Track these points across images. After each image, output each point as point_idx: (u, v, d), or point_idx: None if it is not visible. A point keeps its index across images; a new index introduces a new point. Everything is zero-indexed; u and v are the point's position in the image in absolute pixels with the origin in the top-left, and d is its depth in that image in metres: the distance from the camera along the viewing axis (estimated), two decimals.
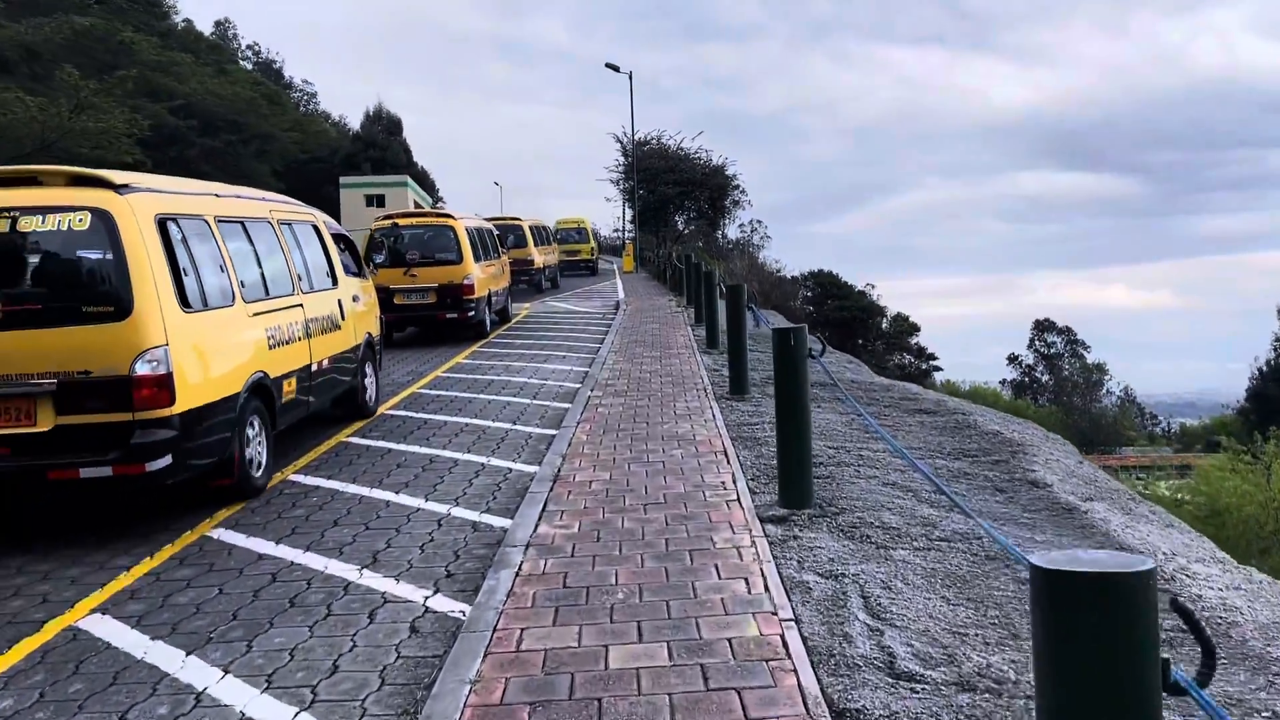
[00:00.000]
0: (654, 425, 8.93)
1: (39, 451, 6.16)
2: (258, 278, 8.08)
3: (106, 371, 6.16)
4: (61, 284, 6.33)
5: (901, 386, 11.84)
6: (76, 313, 6.22)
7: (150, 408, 6.23)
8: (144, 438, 6.22)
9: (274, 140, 40.01)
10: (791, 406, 6.04)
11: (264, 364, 7.71)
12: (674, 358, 13.77)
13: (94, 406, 6.17)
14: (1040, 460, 7.97)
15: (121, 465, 6.18)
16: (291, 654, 4.57)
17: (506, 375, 13.60)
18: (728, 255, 44.96)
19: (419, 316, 17.41)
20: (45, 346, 6.15)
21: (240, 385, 7.23)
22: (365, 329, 10.73)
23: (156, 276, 6.39)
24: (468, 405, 11.33)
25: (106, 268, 6.31)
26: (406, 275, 17.04)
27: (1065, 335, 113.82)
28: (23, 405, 6.16)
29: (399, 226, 17.83)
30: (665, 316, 20.74)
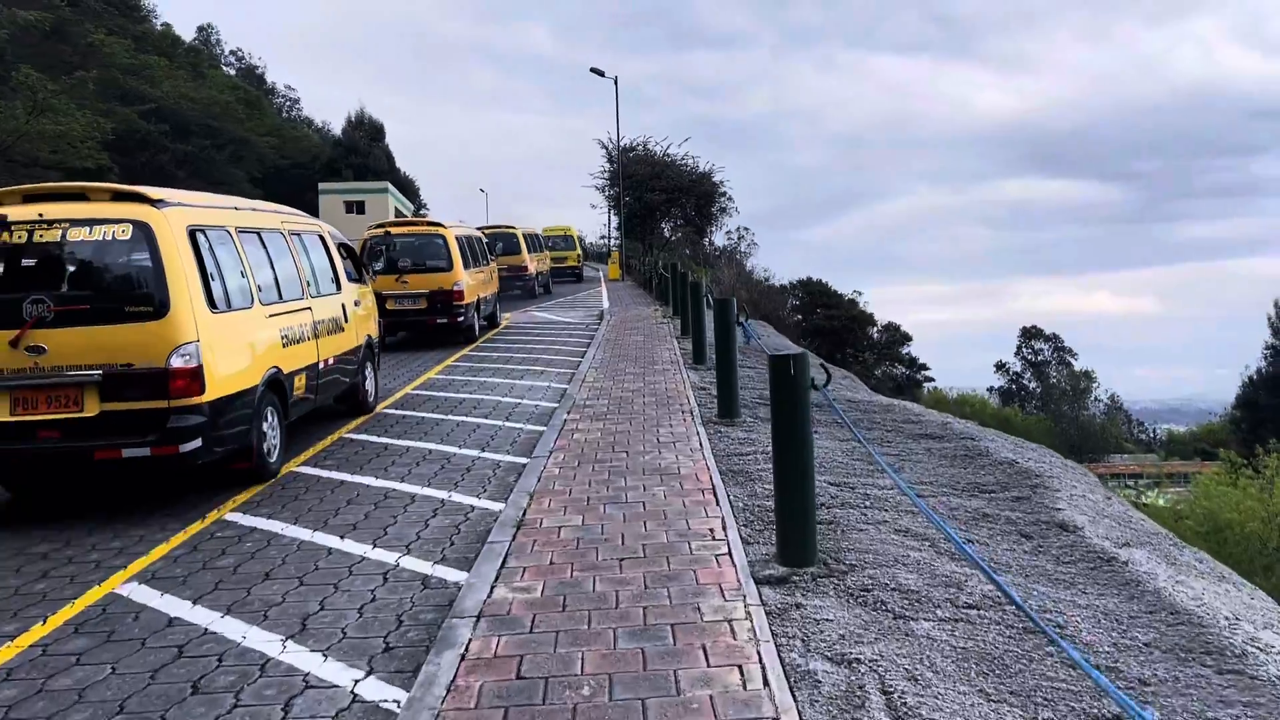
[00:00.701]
0: (634, 455, 8.05)
1: (86, 434, 6.94)
2: (272, 283, 8.83)
3: (146, 364, 6.97)
4: (106, 287, 7.15)
5: (902, 407, 11.01)
6: (119, 312, 7.04)
7: (184, 396, 7.04)
8: (178, 423, 7.02)
9: (250, 146, 38.98)
10: (791, 448, 5.18)
11: (278, 361, 8.51)
12: (658, 374, 12.90)
13: (134, 395, 6.97)
14: (1064, 496, 7.14)
15: (159, 447, 6.98)
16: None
17: (480, 393, 12.71)
18: (715, 263, 44.22)
19: (410, 322, 17.95)
20: (92, 342, 6.94)
21: (258, 379, 8.02)
22: (365, 331, 11.47)
23: (189, 280, 7.23)
24: (435, 428, 10.45)
25: (145, 273, 7.12)
26: (398, 282, 17.57)
27: (1052, 343, 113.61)
28: (72, 393, 6.95)
29: (391, 235, 18.24)
30: (650, 328, 19.88)
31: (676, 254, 42.94)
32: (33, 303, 6.97)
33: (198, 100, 36.92)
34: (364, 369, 11.21)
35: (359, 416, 11.04)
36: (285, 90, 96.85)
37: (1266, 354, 59.77)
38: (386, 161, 61.66)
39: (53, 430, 6.96)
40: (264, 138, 41.70)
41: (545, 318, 24.24)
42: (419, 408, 11.81)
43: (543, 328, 21.52)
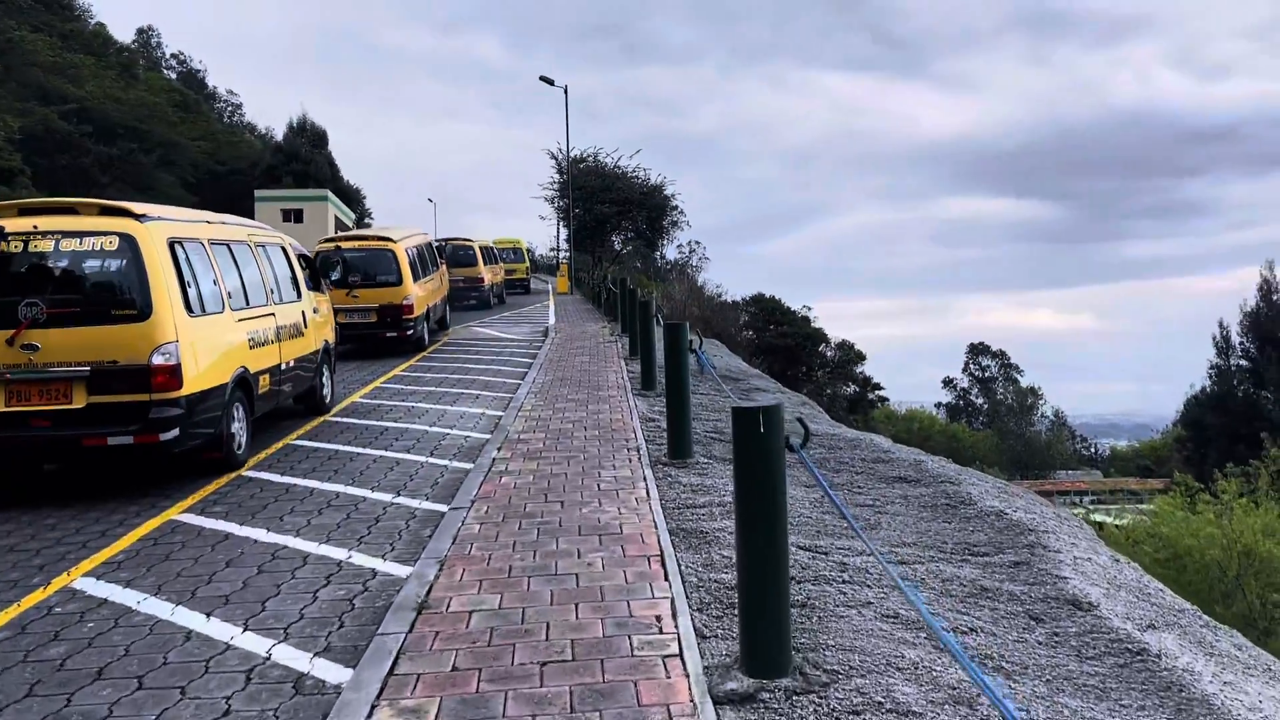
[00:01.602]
0: (570, 507, 6.90)
1: (75, 424, 7.60)
2: (240, 290, 9.54)
3: (130, 361, 7.67)
4: (94, 292, 7.91)
5: (870, 442, 10.01)
6: (106, 314, 7.76)
7: (164, 391, 7.73)
8: (158, 414, 7.72)
9: (181, 150, 37.15)
10: (761, 529, 4.09)
11: (246, 361, 9.24)
12: (603, 402, 11.78)
13: (119, 388, 7.65)
14: (1067, 559, 6.15)
15: (141, 435, 7.64)
16: None
17: (407, 420, 11.49)
18: (666, 277, 43.23)
19: (361, 335, 18.26)
20: (81, 341, 7.64)
21: (228, 377, 8.74)
22: (323, 337, 12.17)
23: (169, 287, 7.94)
24: (349, 464, 9.23)
25: (130, 280, 7.83)
26: (349, 296, 17.72)
27: (999, 359, 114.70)
28: (62, 387, 7.62)
29: (341, 249, 18.44)
30: (597, 347, 18.75)
31: (627, 268, 41.92)
32: (28, 305, 7.67)
33: (125, 101, 35.10)
34: (321, 371, 12.01)
35: (264, 450, 9.80)
36: (227, 95, 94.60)
37: (1211, 374, 60.17)
38: (329, 169, 59.78)
39: (44, 420, 7.65)
40: (195, 141, 39.85)
41: (488, 334, 23.00)
42: (337, 437, 10.57)
43: (484, 345, 20.30)
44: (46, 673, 4.74)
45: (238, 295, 9.46)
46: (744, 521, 4.16)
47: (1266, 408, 55.20)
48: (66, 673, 4.74)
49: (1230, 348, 59.17)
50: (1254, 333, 58.18)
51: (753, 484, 4.08)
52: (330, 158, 62.98)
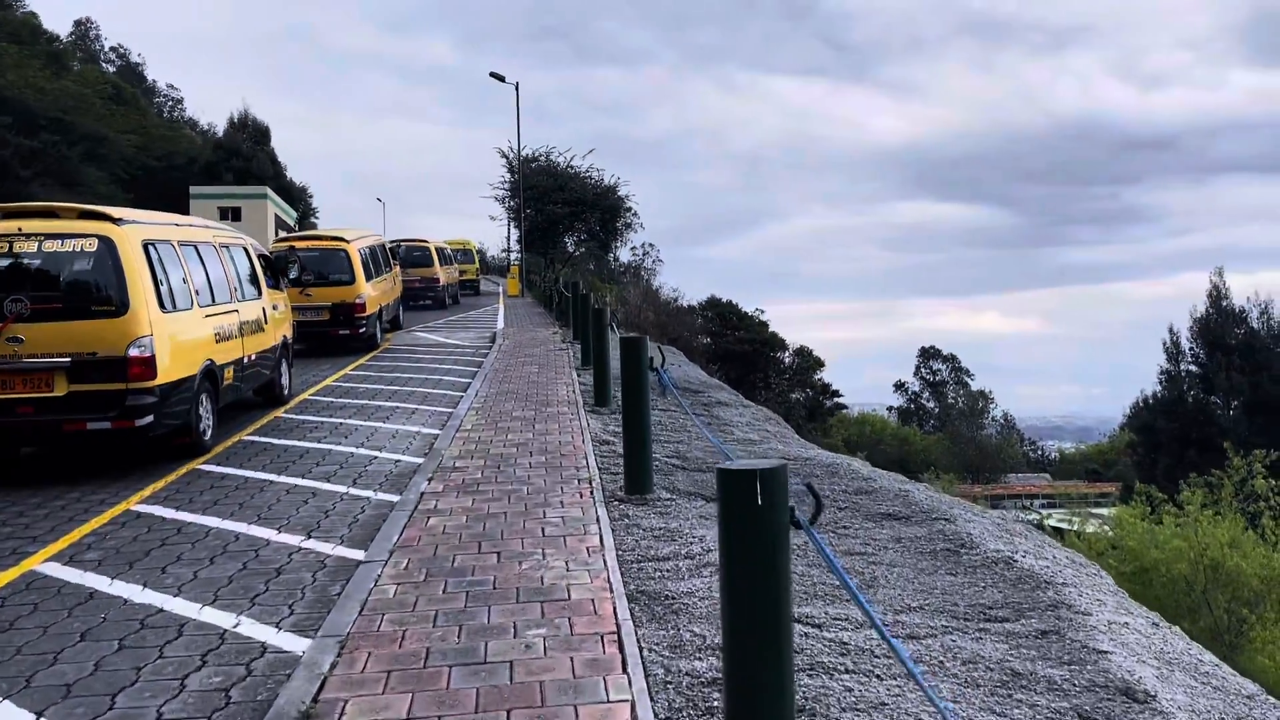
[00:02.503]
0: (507, 561, 5.76)
1: (56, 410, 8.20)
2: (207, 288, 10.05)
3: (108, 353, 8.25)
4: (75, 289, 8.42)
5: (848, 468, 9.00)
6: (86, 310, 8.33)
7: (139, 380, 8.32)
8: (134, 401, 8.30)
9: (108, 143, 35.19)
10: (757, 632, 2.99)
11: (212, 354, 9.74)
12: (552, 420, 10.64)
13: (98, 378, 8.23)
14: (1101, 623, 5.16)
15: (118, 421, 8.25)
16: None
17: (332, 440, 10.28)
18: (620, 280, 42.12)
19: (314, 333, 18.28)
20: (63, 334, 8.21)
21: (197, 369, 9.25)
22: (281, 333, 12.73)
23: (144, 285, 8.52)
24: (258, 495, 8.03)
25: (108, 278, 8.39)
26: (302, 295, 17.51)
27: (950, 363, 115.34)
28: (45, 377, 8.20)
29: (295, 250, 18.53)
30: (547, 356, 17.60)
31: (579, 270, 40.74)
32: (12, 301, 8.20)
33: (48, 92, 33.15)
34: (280, 365, 12.55)
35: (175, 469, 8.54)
36: (167, 89, 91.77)
37: (1161, 379, 60.44)
38: (271, 166, 57.82)
39: (28, 407, 8.17)
40: (125, 135, 37.87)
41: (432, 339, 21.72)
42: (249, 461, 9.33)
43: (427, 351, 19.03)
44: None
45: (204, 293, 10.03)
46: (734, 617, 3.06)
47: (1216, 413, 55.52)
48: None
49: (1180, 353, 59.44)
50: (1203, 338, 58.52)
51: (746, 571, 2.99)
52: (273, 154, 60.97)
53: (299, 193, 68.28)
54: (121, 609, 5.54)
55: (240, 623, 5.25)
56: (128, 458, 9.38)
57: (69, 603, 5.64)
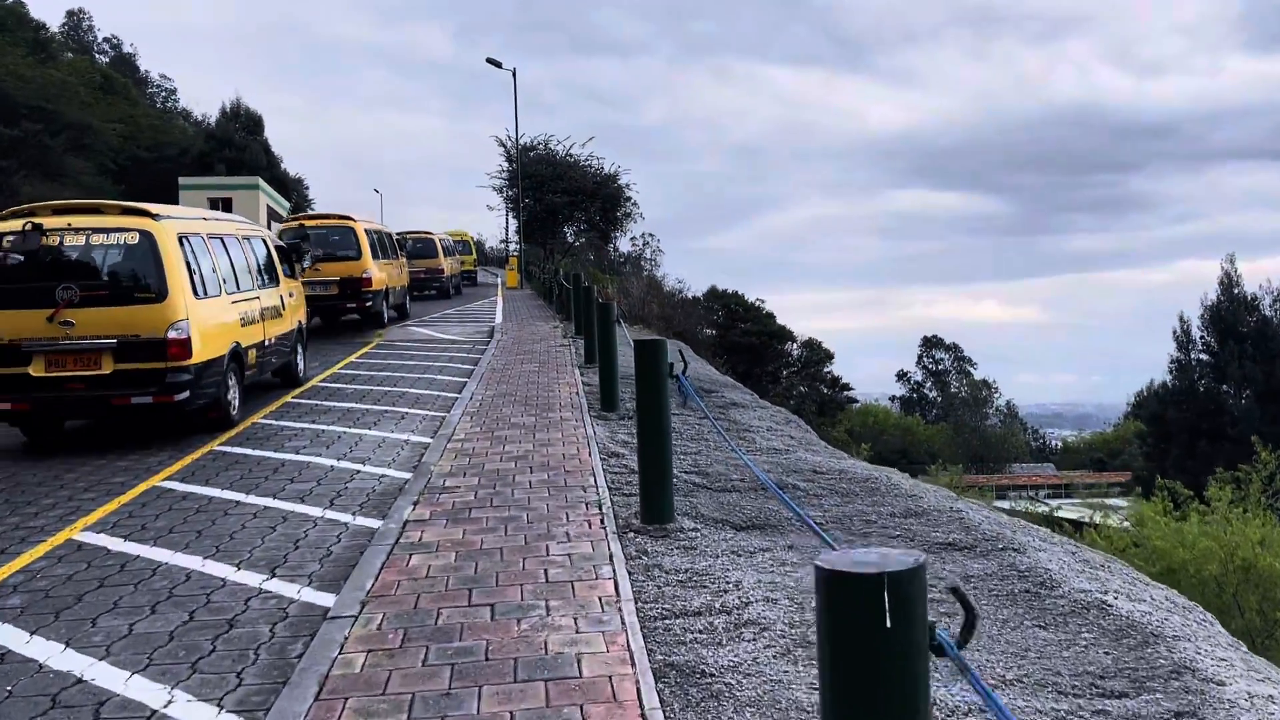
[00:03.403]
0: (503, 618, 4.71)
1: (104, 386, 9.12)
2: (233, 277, 10.85)
3: (149, 335, 9.17)
4: (120, 278, 9.41)
5: (886, 482, 7.97)
6: (130, 297, 9.31)
7: (177, 359, 9.22)
8: (173, 378, 9.20)
9: (94, 132, 34.06)
10: None
11: (238, 337, 10.58)
12: (554, 428, 9.61)
13: (140, 357, 9.14)
14: (1238, 694, 4.15)
15: (158, 396, 9.16)
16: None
17: (311, 450, 9.27)
18: (621, 271, 41.02)
19: (323, 308, 19.09)
20: (109, 318, 9.14)
21: (225, 350, 10.11)
22: (297, 318, 13.44)
23: (180, 274, 9.45)
24: (221, 520, 7.02)
25: (149, 268, 9.33)
26: (311, 269, 17.58)
27: (952, 352, 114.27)
28: (93, 356, 9.12)
29: (305, 227, 19.70)
30: (547, 352, 16.56)
31: (579, 260, 39.65)
32: (64, 289, 8.96)
33: (30, 80, 32.01)
34: (296, 348, 13.30)
35: (120, 497, 7.52)
36: (160, 80, 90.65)
37: (1172, 368, 59.37)
38: (264, 156, 56.62)
39: (79, 383, 8.99)
40: (111, 124, 36.72)
41: (427, 334, 20.67)
42: (218, 476, 8.33)
43: (422, 347, 17.99)
44: None
45: (230, 281, 10.82)
46: None
47: (1228, 402, 54.50)
48: None
49: (1191, 342, 58.34)
50: (1214, 327, 57.40)
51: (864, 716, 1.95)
52: (266, 145, 59.77)
53: (294, 184, 67.13)
54: (35, 680, 4.53)
55: (169, 702, 4.23)
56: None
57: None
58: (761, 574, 5.28)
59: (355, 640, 4.48)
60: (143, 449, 9.51)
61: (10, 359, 9.07)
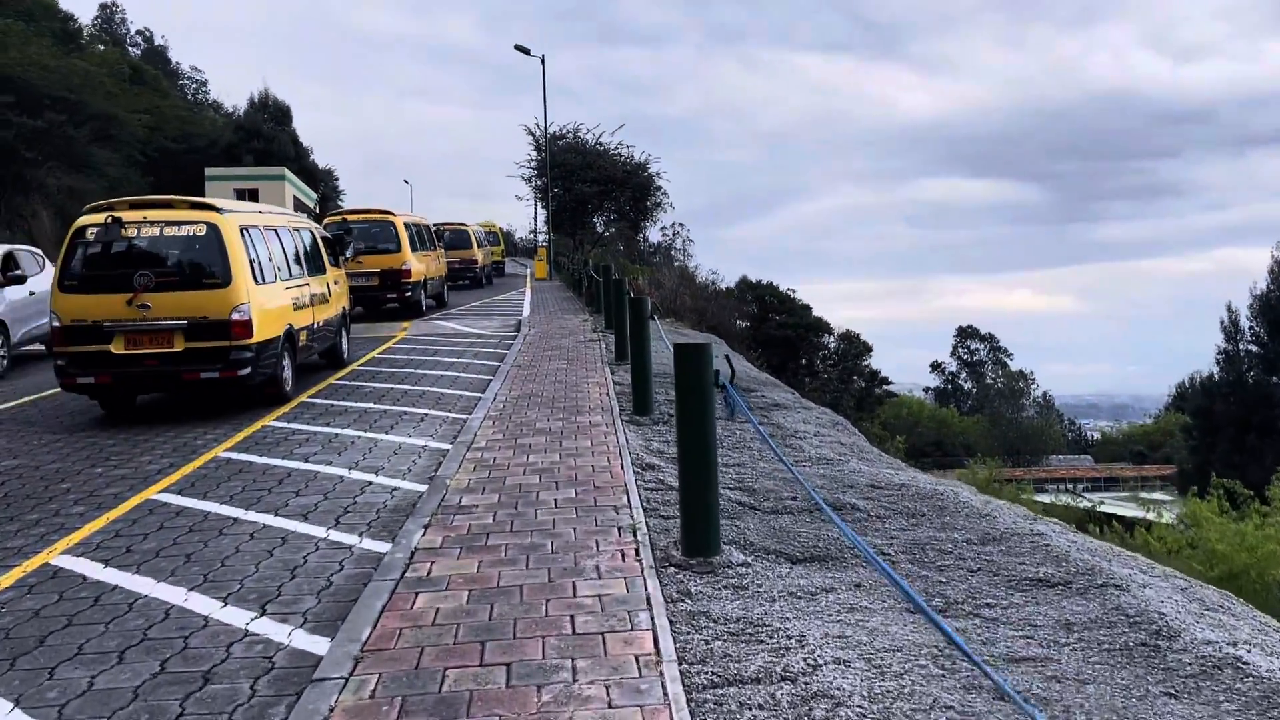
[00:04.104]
0: (520, 685, 3.89)
1: (176, 362, 10.08)
2: (286, 265, 11.89)
3: (215, 316, 10.10)
4: (189, 265, 10.26)
5: (954, 500, 7.10)
6: (198, 282, 10.18)
7: (240, 338, 10.16)
8: (236, 356, 10.16)
9: (117, 123, 33.65)
10: None
11: (292, 320, 11.57)
12: (583, 434, 8.83)
13: (208, 336, 10.08)
14: None
15: (224, 371, 10.12)
16: None
17: (324, 455, 8.59)
18: (652, 262, 40.16)
19: (365, 298, 20.44)
20: (180, 301, 10.08)
21: (280, 331, 11.06)
22: (341, 304, 14.30)
23: (243, 262, 10.36)
24: (215, 540, 6.34)
25: (215, 256, 10.24)
26: (354, 262, 18.83)
27: (988, 343, 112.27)
28: (167, 335, 10.08)
29: (347, 221, 20.91)
30: (576, 348, 15.78)
31: (610, 251, 38.84)
32: (140, 275, 10.01)
33: (53, 70, 31.61)
34: (341, 332, 14.26)
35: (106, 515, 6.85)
36: (191, 72, 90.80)
37: (1219, 359, 57.54)
38: (292, 147, 56.19)
39: (154, 360, 10.07)
40: (137, 115, 36.31)
41: (453, 328, 19.97)
42: (217, 489, 7.63)
43: (447, 342, 17.28)
44: None
45: (284, 269, 11.69)
46: None
47: (1279, 395, 52.74)
48: None
49: (1239, 332, 56.51)
50: (1264, 317, 55.49)
51: None
52: (294, 135, 59.32)
53: (324, 176, 66.73)
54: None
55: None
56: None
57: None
58: (828, 623, 4.46)
59: (342, 714, 3.71)
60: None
61: (94, 338, 10.09)
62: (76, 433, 10.23)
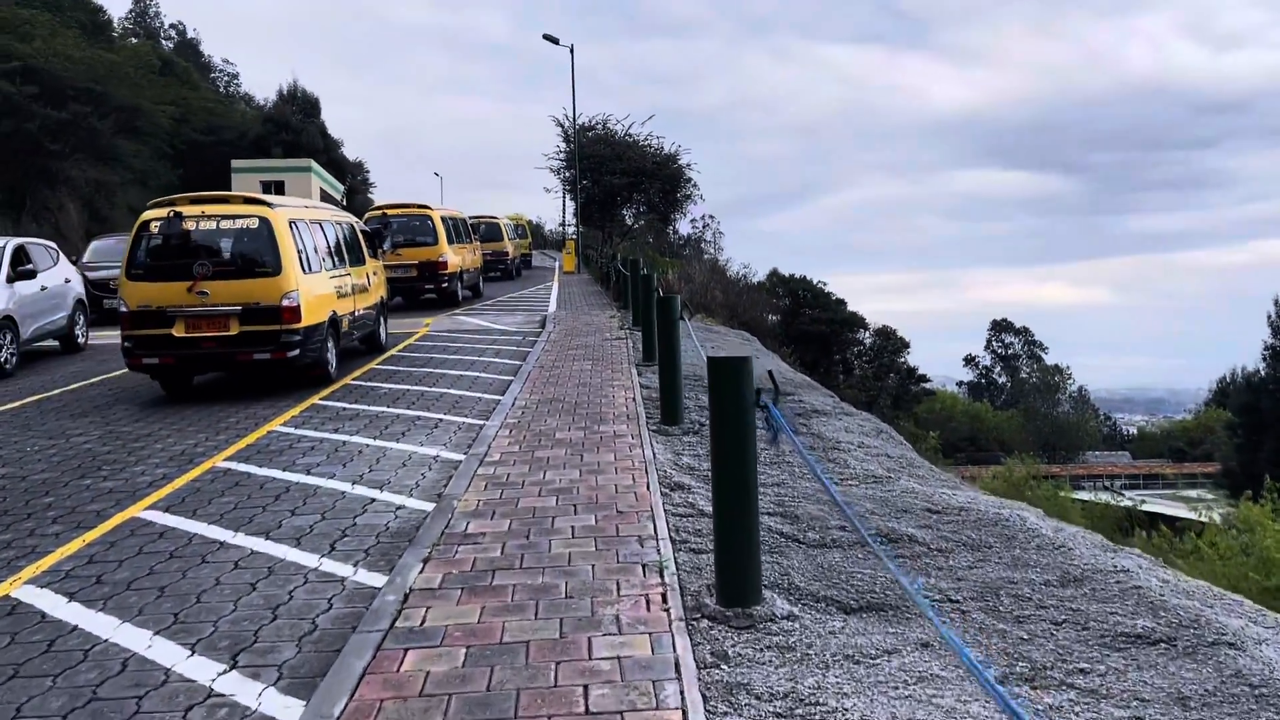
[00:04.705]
0: None
1: (232, 345, 10.90)
2: (330, 256, 12.68)
3: (267, 303, 10.90)
4: (244, 256, 11.13)
5: (1020, 523, 6.31)
6: (252, 271, 11.00)
7: (289, 323, 10.96)
8: (286, 339, 10.95)
9: (143, 115, 33.27)
10: None
11: (335, 307, 12.32)
12: (607, 446, 8.08)
13: (261, 321, 10.88)
14: None
15: (275, 353, 10.95)
16: None
17: (327, 466, 7.94)
18: (681, 255, 39.30)
19: (404, 288, 21.25)
20: (236, 289, 10.89)
21: (325, 317, 11.81)
22: (380, 294, 15.09)
23: (292, 253, 11.15)
24: (192, 572, 5.66)
25: (267, 248, 11.05)
26: (394, 254, 20.30)
27: (1023, 336, 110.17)
28: (223, 320, 10.87)
29: (387, 216, 21.98)
30: (602, 346, 15.05)
31: (639, 243, 38.07)
32: (200, 265, 10.89)
33: (78, 60, 31.28)
34: (379, 320, 14.95)
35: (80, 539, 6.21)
36: (223, 65, 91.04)
37: (1265, 355, 55.83)
38: (321, 139, 55.88)
39: (212, 342, 10.89)
40: (162, 106, 35.94)
41: (476, 324, 19.31)
42: (208, 506, 6.97)
43: (467, 340, 16.61)
44: None
45: (328, 260, 12.47)
46: None
47: None
48: None
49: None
50: None
51: None
52: (323, 127, 59.05)
53: (354, 168, 66.48)
54: None
55: None
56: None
57: None
58: (893, 700, 3.69)
59: None
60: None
61: (158, 322, 10.91)
62: (74, 437, 9.65)
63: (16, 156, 29.95)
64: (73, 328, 16.48)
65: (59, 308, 16.09)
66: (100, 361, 15.12)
